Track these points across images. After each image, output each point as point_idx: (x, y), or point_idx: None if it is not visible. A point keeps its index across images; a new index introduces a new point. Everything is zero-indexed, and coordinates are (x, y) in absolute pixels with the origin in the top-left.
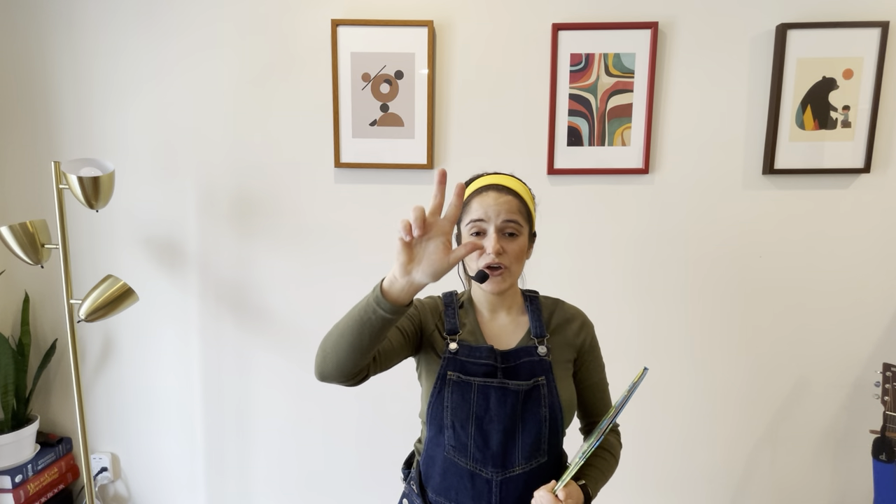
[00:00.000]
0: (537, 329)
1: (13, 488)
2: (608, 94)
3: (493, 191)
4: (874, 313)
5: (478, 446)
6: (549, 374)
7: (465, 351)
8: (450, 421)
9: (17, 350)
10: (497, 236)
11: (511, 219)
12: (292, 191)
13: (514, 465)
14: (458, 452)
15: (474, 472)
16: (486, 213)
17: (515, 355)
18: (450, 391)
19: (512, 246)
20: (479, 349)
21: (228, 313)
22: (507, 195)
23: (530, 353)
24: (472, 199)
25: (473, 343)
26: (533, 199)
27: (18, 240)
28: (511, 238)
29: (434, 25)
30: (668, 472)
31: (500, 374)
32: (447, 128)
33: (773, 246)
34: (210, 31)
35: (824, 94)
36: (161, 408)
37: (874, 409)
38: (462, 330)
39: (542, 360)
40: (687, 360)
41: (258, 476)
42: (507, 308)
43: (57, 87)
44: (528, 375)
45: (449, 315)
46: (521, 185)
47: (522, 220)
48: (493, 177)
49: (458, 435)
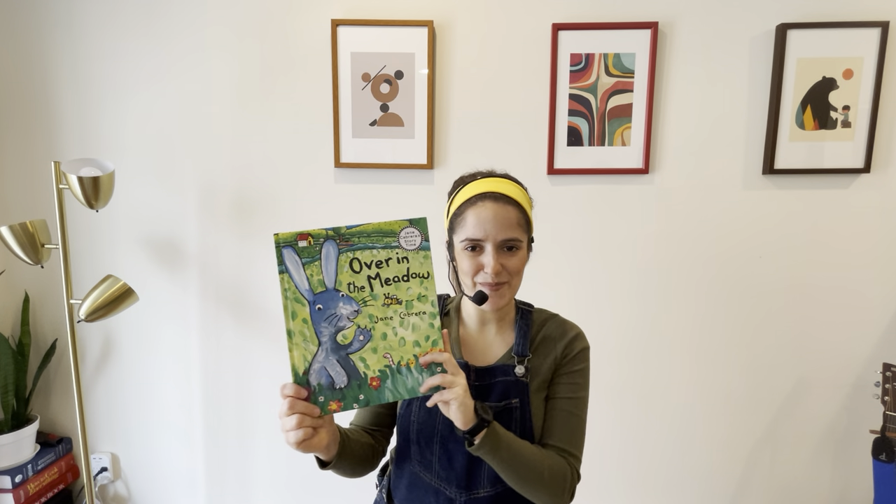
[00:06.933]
0: (519, 346)
1: (13, 488)
2: (608, 94)
3: (489, 201)
4: (874, 313)
5: (442, 465)
6: (523, 397)
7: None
8: (415, 436)
9: (17, 350)
10: (496, 254)
11: (510, 236)
12: (292, 191)
13: (479, 487)
14: (424, 468)
15: (439, 490)
16: (484, 231)
17: (490, 373)
18: (417, 406)
19: (512, 261)
20: None
21: (228, 313)
22: (507, 206)
23: (506, 373)
24: (467, 210)
25: None
26: (531, 203)
27: (18, 240)
28: (510, 253)
29: (434, 25)
30: (667, 471)
31: (473, 392)
32: (447, 128)
33: (773, 246)
34: (210, 32)
35: (824, 94)
36: (161, 408)
37: (874, 409)
38: None
39: (518, 380)
40: (686, 360)
41: (258, 476)
42: (497, 321)
43: (57, 87)
44: (501, 396)
45: None
46: (519, 189)
47: (522, 233)
48: (490, 182)
49: (423, 451)
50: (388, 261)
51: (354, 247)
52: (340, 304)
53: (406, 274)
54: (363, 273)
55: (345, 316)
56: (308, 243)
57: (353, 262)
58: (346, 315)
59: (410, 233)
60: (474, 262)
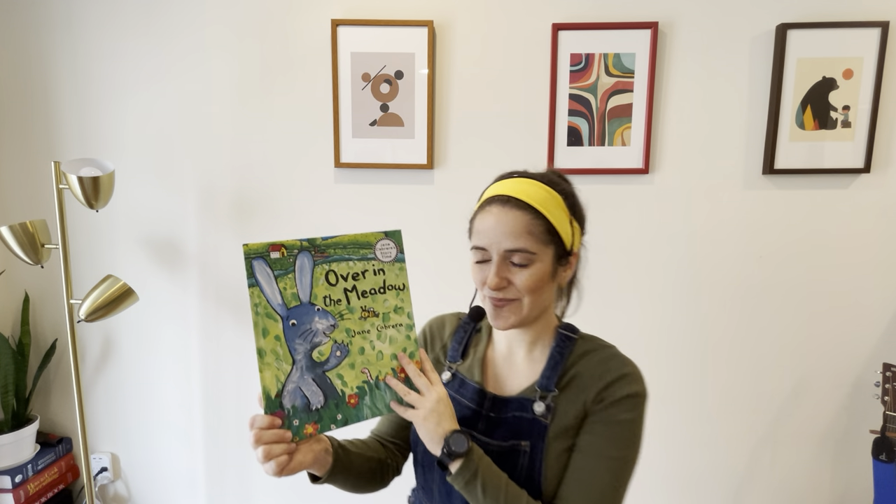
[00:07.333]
0: (545, 379)
1: (13, 488)
2: (608, 94)
3: (496, 205)
4: (874, 313)
5: (442, 496)
6: (538, 440)
7: (456, 385)
8: (420, 457)
9: (17, 350)
10: (499, 267)
11: (516, 247)
12: (292, 191)
13: None
14: (426, 495)
15: None
16: (487, 239)
17: (506, 406)
18: None
19: (521, 277)
20: (468, 388)
21: (228, 313)
22: (514, 211)
23: (523, 408)
24: (476, 216)
25: (467, 378)
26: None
27: (18, 240)
28: (520, 267)
29: (434, 25)
30: (667, 471)
31: (483, 424)
32: (447, 128)
33: (772, 246)
34: (210, 32)
35: (824, 94)
36: (161, 408)
37: (874, 409)
38: (464, 360)
39: (535, 419)
40: (686, 360)
41: (258, 476)
42: (529, 344)
43: (57, 87)
44: (510, 434)
45: (457, 339)
46: (543, 192)
47: (536, 244)
48: (506, 183)
49: (426, 475)
50: (365, 273)
51: (330, 258)
52: (316, 318)
53: (382, 286)
54: (339, 286)
55: (321, 331)
56: (281, 255)
57: (329, 275)
58: (321, 330)
59: (386, 245)
60: (481, 273)
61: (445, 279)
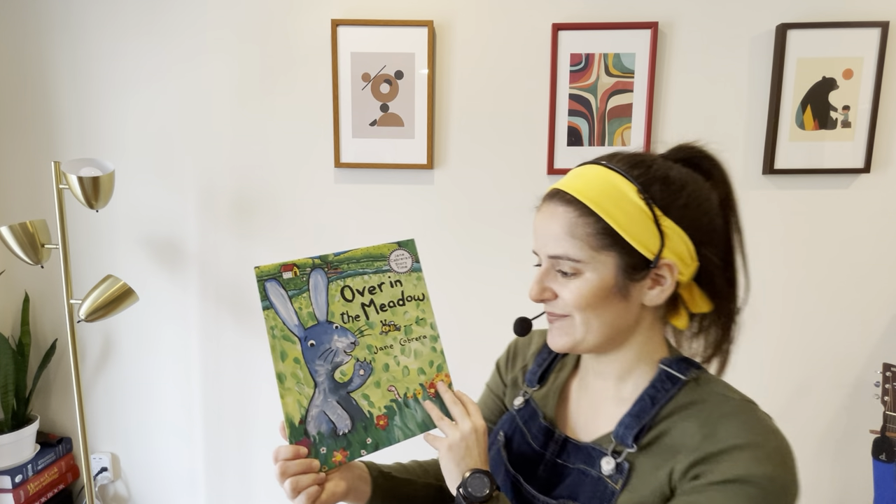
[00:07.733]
0: (624, 428)
1: (13, 488)
2: (608, 94)
3: (544, 202)
4: (874, 313)
5: None
6: None
7: (526, 416)
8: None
9: (17, 350)
10: (542, 274)
11: (556, 253)
12: (292, 191)
13: None
14: None
15: None
16: (535, 243)
17: (574, 455)
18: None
19: (567, 289)
20: (536, 424)
21: (228, 313)
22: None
23: (590, 461)
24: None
25: (539, 409)
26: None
27: (18, 240)
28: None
29: (434, 25)
30: None
31: (545, 471)
32: (447, 128)
33: (772, 246)
34: (210, 32)
35: (824, 94)
36: (161, 408)
37: (874, 409)
38: (542, 386)
39: (601, 479)
40: None
41: (258, 476)
42: (617, 379)
43: (57, 87)
44: (567, 492)
45: (538, 360)
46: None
47: (582, 249)
48: (571, 172)
49: None
50: (381, 285)
51: (344, 274)
52: (335, 336)
53: (401, 298)
54: (356, 301)
55: (341, 350)
56: (294, 274)
57: (345, 291)
58: (342, 348)
59: (400, 255)
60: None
61: (445, 279)
